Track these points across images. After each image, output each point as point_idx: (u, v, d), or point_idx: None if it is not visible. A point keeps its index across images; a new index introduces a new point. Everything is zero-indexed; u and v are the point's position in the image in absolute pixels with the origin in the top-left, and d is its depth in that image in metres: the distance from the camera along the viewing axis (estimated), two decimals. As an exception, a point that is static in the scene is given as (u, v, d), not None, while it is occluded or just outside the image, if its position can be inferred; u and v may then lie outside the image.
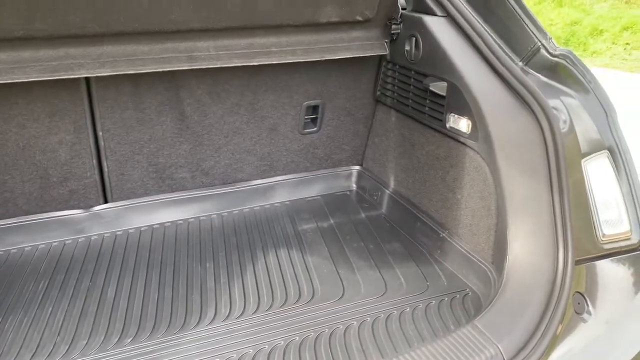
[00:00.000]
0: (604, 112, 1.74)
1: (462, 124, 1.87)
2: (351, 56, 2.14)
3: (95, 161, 2.11)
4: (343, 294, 1.87)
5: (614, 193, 1.69)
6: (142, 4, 1.71)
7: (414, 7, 2.10)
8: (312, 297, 1.86)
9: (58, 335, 1.67)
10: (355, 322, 1.72)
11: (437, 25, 1.96)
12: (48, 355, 1.59)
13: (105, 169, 2.15)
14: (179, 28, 1.83)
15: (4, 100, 1.85)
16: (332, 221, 2.36)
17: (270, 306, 1.81)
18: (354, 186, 2.65)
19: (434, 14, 1.99)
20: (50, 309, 1.78)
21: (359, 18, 2.07)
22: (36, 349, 1.61)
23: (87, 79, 1.92)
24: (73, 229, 2.19)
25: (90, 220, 2.21)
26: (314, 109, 2.38)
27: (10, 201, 2.06)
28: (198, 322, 1.74)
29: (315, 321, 1.73)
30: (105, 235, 2.21)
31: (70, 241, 2.16)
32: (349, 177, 2.65)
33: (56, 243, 2.14)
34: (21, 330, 1.69)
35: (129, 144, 2.12)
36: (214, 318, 1.76)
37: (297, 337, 1.66)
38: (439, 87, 1.94)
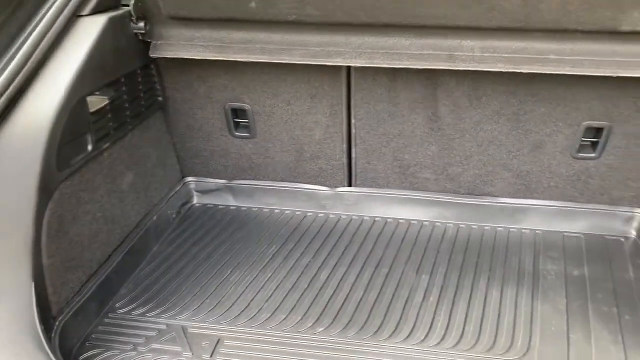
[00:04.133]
0: None
1: None
2: None
3: (345, 146, 2.16)
4: None
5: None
6: None
7: None
8: (525, 354, 1.58)
9: (266, 301, 1.80)
10: None
11: None
12: (249, 319, 1.72)
13: (353, 155, 2.18)
14: (445, 24, 1.69)
15: (275, 78, 2.02)
16: (586, 269, 1.94)
17: (472, 347, 1.61)
18: (633, 233, 2.13)
19: None
20: (270, 274, 1.93)
21: None
22: (244, 309, 1.77)
23: (347, 68, 1.95)
24: (317, 203, 2.31)
25: (333, 199, 2.29)
26: (597, 131, 1.96)
27: (270, 166, 2.28)
28: (390, 336, 1.66)
29: None
30: (342, 216, 2.27)
31: (311, 214, 2.29)
32: (629, 222, 2.13)
33: (299, 212, 2.30)
34: (240, 287, 1.87)
35: (378, 136, 2.11)
36: (407, 337, 1.65)
37: None
38: None
